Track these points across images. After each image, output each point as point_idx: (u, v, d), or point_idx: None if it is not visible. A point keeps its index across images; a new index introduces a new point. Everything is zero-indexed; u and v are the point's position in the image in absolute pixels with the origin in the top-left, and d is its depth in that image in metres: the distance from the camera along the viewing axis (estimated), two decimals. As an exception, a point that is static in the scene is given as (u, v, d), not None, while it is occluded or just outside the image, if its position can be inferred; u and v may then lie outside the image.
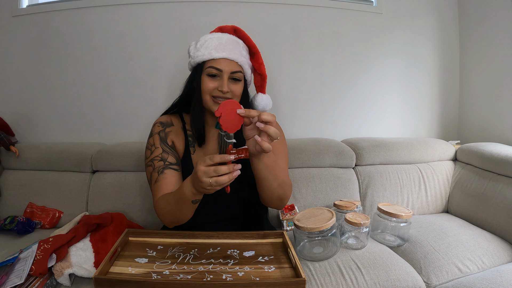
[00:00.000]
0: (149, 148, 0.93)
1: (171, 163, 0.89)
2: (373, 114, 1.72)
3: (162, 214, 0.84)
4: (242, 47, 0.93)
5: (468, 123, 1.75)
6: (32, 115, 1.57)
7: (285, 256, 0.82)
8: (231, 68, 0.88)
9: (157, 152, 0.90)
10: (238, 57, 0.89)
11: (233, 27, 0.96)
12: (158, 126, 0.96)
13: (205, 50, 0.88)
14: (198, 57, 0.89)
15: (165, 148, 0.91)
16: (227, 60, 0.88)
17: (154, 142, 0.92)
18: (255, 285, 0.67)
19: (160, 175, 0.87)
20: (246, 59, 0.93)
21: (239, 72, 0.89)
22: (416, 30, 1.72)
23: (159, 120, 0.97)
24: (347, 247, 1.07)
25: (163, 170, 0.87)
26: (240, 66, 0.90)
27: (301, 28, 1.61)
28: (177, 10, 1.54)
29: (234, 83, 0.89)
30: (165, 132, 0.95)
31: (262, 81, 0.99)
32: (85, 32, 1.53)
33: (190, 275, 0.71)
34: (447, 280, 0.97)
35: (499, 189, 1.22)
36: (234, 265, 0.77)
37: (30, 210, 1.28)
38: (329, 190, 1.36)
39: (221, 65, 0.87)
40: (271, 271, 0.75)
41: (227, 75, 0.87)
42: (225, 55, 0.87)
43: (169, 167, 0.88)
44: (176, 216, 0.82)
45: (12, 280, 0.82)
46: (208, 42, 0.89)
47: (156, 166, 0.88)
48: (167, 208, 0.82)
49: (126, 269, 0.73)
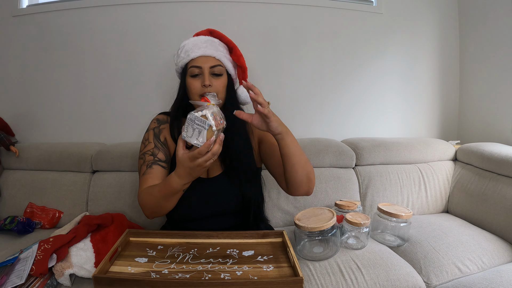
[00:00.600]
0: (143, 142, 0.98)
1: (160, 159, 0.94)
2: (373, 114, 1.72)
3: (145, 205, 0.87)
4: (218, 44, 0.98)
5: (468, 123, 1.75)
6: (32, 115, 1.57)
7: (284, 255, 0.82)
8: (209, 63, 0.92)
9: (150, 146, 0.95)
10: (213, 52, 0.94)
11: (208, 29, 1.01)
12: (154, 123, 1.01)
13: (184, 53, 0.95)
14: (180, 62, 0.96)
15: (157, 144, 0.96)
16: (204, 56, 0.93)
17: (148, 137, 0.98)
18: (252, 284, 0.68)
19: (148, 169, 0.91)
20: (224, 53, 0.96)
21: (218, 66, 0.93)
22: (416, 30, 1.72)
23: (156, 117, 1.03)
24: (347, 247, 1.07)
25: (151, 165, 0.92)
26: (218, 60, 0.94)
27: (301, 28, 1.61)
28: (177, 10, 1.54)
29: (215, 78, 0.93)
30: (159, 128, 1.00)
31: (243, 73, 1.02)
32: (85, 32, 1.53)
33: (188, 274, 0.72)
34: (447, 280, 0.97)
35: (499, 189, 1.22)
36: (232, 264, 0.77)
37: (30, 210, 1.28)
38: (329, 190, 1.36)
39: (199, 63, 0.92)
40: (270, 270, 0.75)
41: (207, 71, 0.91)
42: (201, 53, 0.93)
43: (158, 163, 0.93)
44: (160, 207, 0.85)
45: (13, 280, 0.82)
46: (185, 46, 0.96)
47: (146, 159, 0.93)
48: (150, 199, 0.85)
49: (125, 269, 0.74)
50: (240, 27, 1.57)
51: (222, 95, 0.94)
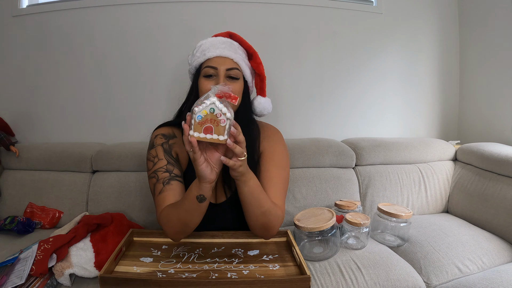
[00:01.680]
0: (151, 160, 0.88)
1: (177, 175, 0.86)
2: (373, 114, 1.72)
3: (168, 224, 0.79)
4: (238, 47, 0.92)
5: (468, 123, 1.75)
6: (32, 115, 1.57)
7: (289, 254, 0.83)
8: (226, 65, 0.86)
9: (161, 163, 0.86)
10: (232, 54, 0.87)
11: (228, 32, 0.96)
12: (161, 138, 0.91)
13: (200, 53, 0.89)
14: (194, 62, 0.90)
15: (170, 160, 0.88)
16: (221, 57, 0.86)
17: (157, 154, 0.88)
18: (260, 283, 0.68)
19: (166, 186, 0.83)
20: (242, 57, 0.91)
21: (235, 69, 0.87)
22: (416, 30, 1.72)
23: (160, 132, 0.93)
24: (347, 247, 1.07)
25: (169, 181, 0.84)
26: (235, 63, 0.88)
27: (301, 28, 1.61)
28: (177, 10, 1.54)
29: (231, 81, 0.86)
30: (168, 144, 0.91)
31: (261, 82, 0.97)
32: (85, 32, 1.53)
33: (195, 274, 0.72)
34: (447, 280, 0.97)
35: (499, 189, 1.22)
36: (238, 263, 0.77)
37: (30, 210, 1.28)
38: (329, 190, 1.36)
39: (215, 63, 0.86)
40: (276, 269, 0.75)
41: (223, 73, 0.85)
42: (218, 53, 0.86)
43: (175, 179, 0.85)
44: (183, 222, 0.77)
45: (13, 280, 0.82)
46: (202, 46, 0.90)
47: (160, 177, 0.84)
48: (174, 215, 0.77)
49: (131, 268, 0.74)
50: (240, 27, 1.55)
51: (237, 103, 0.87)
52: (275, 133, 0.99)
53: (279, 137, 0.98)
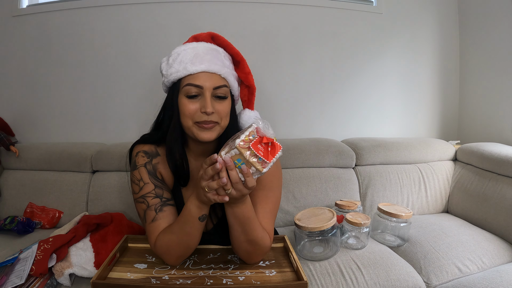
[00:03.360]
0: (136, 183, 0.79)
1: (168, 198, 0.79)
2: (373, 114, 1.72)
3: (169, 252, 0.73)
4: (224, 55, 0.79)
5: (468, 123, 1.75)
6: (32, 115, 1.57)
7: (287, 260, 0.82)
8: (213, 83, 0.73)
9: (149, 188, 0.78)
10: (220, 68, 0.74)
11: (210, 33, 0.81)
12: (143, 157, 0.81)
13: (179, 65, 0.74)
14: (172, 75, 0.75)
15: (157, 183, 0.79)
16: (207, 73, 0.73)
17: (142, 177, 0.79)
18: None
19: (159, 213, 0.76)
20: (230, 69, 0.78)
21: (223, 87, 0.74)
22: (416, 30, 1.72)
23: (142, 149, 0.83)
24: (347, 247, 1.07)
25: (161, 208, 0.77)
26: (224, 79, 0.75)
27: (301, 28, 1.61)
28: (177, 10, 1.54)
29: (219, 102, 0.74)
30: (152, 164, 0.81)
31: (250, 95, 0.85)
32: (85, 32, 1.53)
33: (189, 280, 0.71)
34: (447, 280, 0.97)
35: (499, 189, 1.22)
36: (234, 269, 0.76)
37: (30, 210, 1.28)
38: (329, 190, 1.36)
39: (200, 81, 0.72)
40: (272, 275, 0.74)
41: (210, 92, 0.72)
42: (204, 68, 0.72)
43: (167, 204, 0.78)
44: (186, 246, 0.73)
45: (13, 280, 0.82)
46: (181, 55, 0.75)
47: (151, 203, 0.77)
48: (172, 239, 0.72)
49: (125, 275, 0.73)
50: (240, 27, 1.57)
51: (225, 122, 0.76)
52: None
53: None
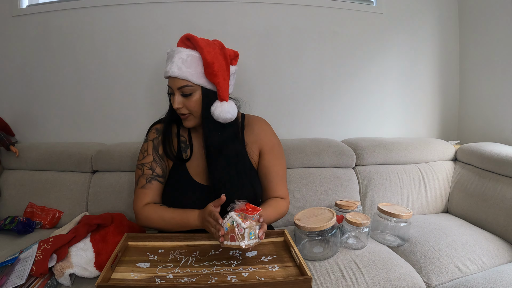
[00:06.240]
0: (142, 153, 0.99)
1: (158, 174, 0.96)
2: (373, 114, 1.72)
3: (146, 221, 0.91)
4: (191, 58, 0.88)
5: (468, 123, 1.75)
6: (32, 115, 1.57)
7: (288, 254, 0.82)
8: (176, 84, 0.88)
9: (148, 159, 0.96)
10: (179, 72, 0.86)
11: (186, 35, 0.92)
12: (154, 133, 1.00)
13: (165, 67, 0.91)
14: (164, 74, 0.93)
15: (156, 157, 0.97)
16: (171, 77, 0.89)
17: (147, 148, 0.98)
18: (261, 285, 0.67)
19: (148, 184, 0.94)
20: (195, 70, 0.87)
21: (186, 87, 0.88)
22: (416, 30, 1.72)
23: (155, 127, 1.02)
24: (347, 247, 1.07)
25: (151, 180, 0.94)
26: (184, 80, 0.87)
27: (301, 28, 1.61)
28: (177, 10, 1.54)
29: (186, 98, 0.90)
30: (158, 140, 0.99)
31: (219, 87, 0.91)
32: (85, 32, 1.53)
33: (194, 278, 0.70)
34: (447, 280, 0.97)
35: (499, 189, 1.22)
36: (237, 265, 0.76)
37: (30, 210, 1.28)
38: (329, 190, 1.36)
39: (170, 83, 0.90)
40: (276, 271, 0.75)
41: (178, 91, 0.89)
42: (169, 73, 0.88)
43: (156, 178, 0.95)
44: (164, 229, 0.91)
45: (13, 280, 0.81)
46: (166, 56, 0.93)
47: (145, 173, 0.95)
48: (158, 222, 0.90)
49: (128, 275, 0.72)
50: (240, 27, 1.57)
51: (197, 113, 0.91)
52: (266, 124, 1.07)
53: (270, 127, 1.07)
